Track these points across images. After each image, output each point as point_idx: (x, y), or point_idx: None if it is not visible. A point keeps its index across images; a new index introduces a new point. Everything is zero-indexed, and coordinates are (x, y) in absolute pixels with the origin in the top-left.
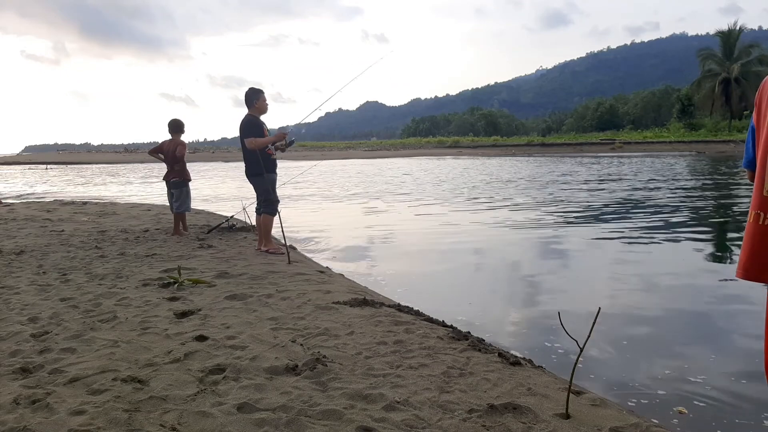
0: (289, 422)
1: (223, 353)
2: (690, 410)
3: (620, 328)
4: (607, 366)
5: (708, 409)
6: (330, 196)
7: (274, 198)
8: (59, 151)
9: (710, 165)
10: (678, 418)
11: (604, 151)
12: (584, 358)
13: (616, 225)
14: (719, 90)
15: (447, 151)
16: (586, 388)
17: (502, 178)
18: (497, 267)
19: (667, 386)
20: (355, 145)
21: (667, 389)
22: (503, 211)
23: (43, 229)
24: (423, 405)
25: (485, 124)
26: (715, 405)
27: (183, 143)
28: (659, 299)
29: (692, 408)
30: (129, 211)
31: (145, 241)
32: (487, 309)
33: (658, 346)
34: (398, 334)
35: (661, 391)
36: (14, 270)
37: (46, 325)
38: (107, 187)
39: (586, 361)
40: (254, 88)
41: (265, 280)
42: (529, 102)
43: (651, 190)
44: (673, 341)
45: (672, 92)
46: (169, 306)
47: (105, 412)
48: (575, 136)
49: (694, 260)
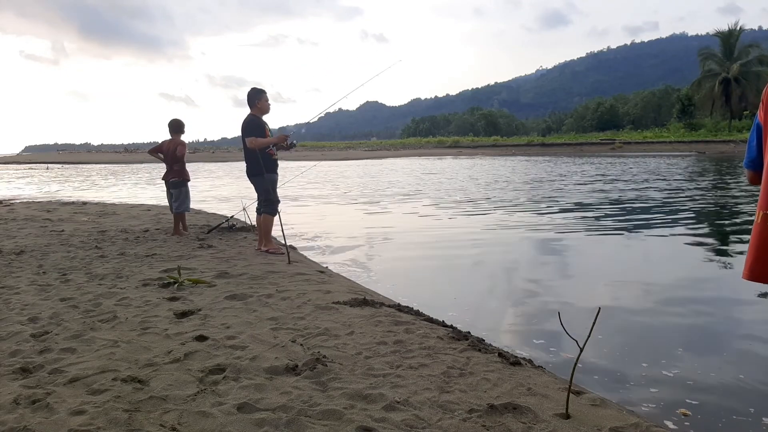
0: (289, 422)
1: (223, 353)
2: (692, 410)
3: (620, 328)
4: (607, 366)
5: (709, 410)
6: (330, 197)
7: (275, 198)
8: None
9: (710, 165)
10: (679, 418)
11: (604, 151)
12: (584, 358)
13: (616, 225)
14: (719, 90)
15: (447, 151)
16: (586, 388)
17: (502, 178)
18: (497, 267)
19: (668, 386)
20: (355, 145)
21: (667, 389)
22: (503, 212)
23: (43, 229)
24: (423, 405)
25: (485, 124)
26: (716, 405)
27: (183, 143)
28: (660, 299)
29: (694, 408)
30: (129, 211)
31: (145, 241)
32: (487, 309)
33: (659, 346)
34: (398, 334)
35: (661, 391)
36: (14, 270)
37: (46, 325)
38: (119, 188)
39: (586, 361)
40: (256, 88)
41: (265, 280)
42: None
43: (651, 191)
44: (674, 341)
45: (672, 92)
46: (169, 306)
47: (105, 412)
48: (575, 136)
49: (695, 261)
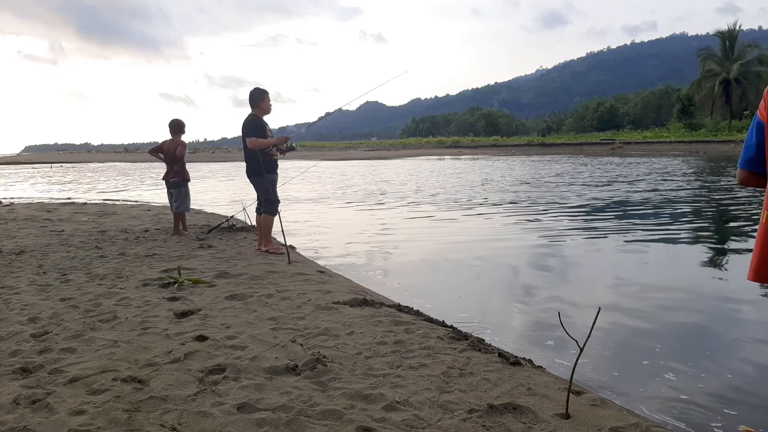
0: (289, 422)
1: (223, 353)
2: (692, 410)
3: (620, 328)
4: (607, 366)
5: (711, 410)
6: (330, 197)
7: (275, 198)
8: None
9: (711, 165)
10: (679, 419)
11: (604, 151)
12: (584, 358)
13: (616, 225)
14: (719, 90)
15: (447, 151)
16: (586, 388)
17: (501, 178)
18: (498, 267)
19: (668, 386)
20: (355, 146)
21: (667, 389)
22: (503, 212)
23: (43, 229)
24: (423, 405)
25: (485, 124)
26: (717, 405)
27: (183, 143)
28: (660, 300)
29: (694, 407)
30: (129, 211)
31: (145, 241)
32: (487, 309)
33: (659, 346)
34: (398, 334)
35: (661, 391)
36: (14, 270)
37: (46, 325)
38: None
39: (586, 361)
40: (259, 89)
41: (265, 280)
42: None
43: (652, 191)
44: (674, 341)
45: (672, 92)
46: (169, 306)
47: (105, 412)
48: (575, 136)
49: (696, 261)
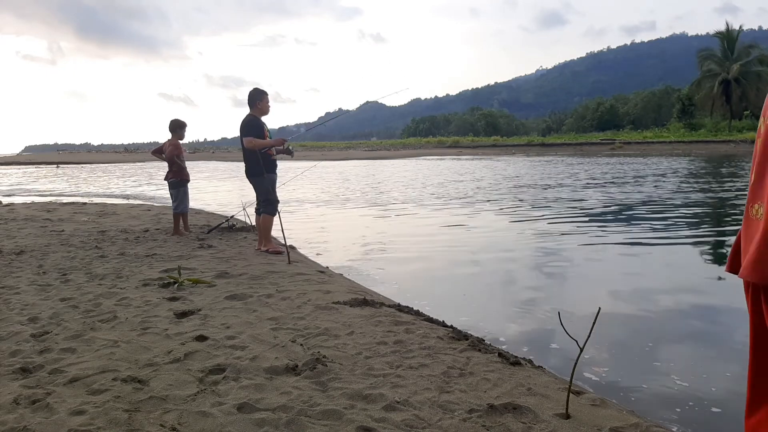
0: (289, 422)
1: (223, 353)
2: (693, 411)
3: (621, 328)
4: (607, 366)
5: (711, 410)
6: (330, 197)
7: (274, 198)
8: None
9: (711, 165)
10: (679, 419)
11: (604, 151)
12: (584, 358)
13: (617, 225)
14: (719, 90)
15: (447, 151)
16: (586, 388)
17: (501, 178)
18: (497, 267)
19: (668, 386)
20: (355, 145)
21: (667, 390)
22: (503, 212)
23: (43, 229)
24: (423, 405)
25: (485, 124)
26: (717, 405)
27: (175, 144)
28: (660, 300)
29: (694, 408)
30: (129, 211)
31: (145, 241)
32: (487, 309)
33: (659, 345)
34: (398, 334)
35: (661, 391)
36: (14, 270)
37: (46, 325)
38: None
39: (586, 361)
40: (258, 89)
41: (265, 280)
42: (529, 102)
43: (652, 191)
44: (675, 342)
45: (672, 92)
46: (169, 306)
47: (105, 412)
48: (575, 136)
49: (696, 261)
